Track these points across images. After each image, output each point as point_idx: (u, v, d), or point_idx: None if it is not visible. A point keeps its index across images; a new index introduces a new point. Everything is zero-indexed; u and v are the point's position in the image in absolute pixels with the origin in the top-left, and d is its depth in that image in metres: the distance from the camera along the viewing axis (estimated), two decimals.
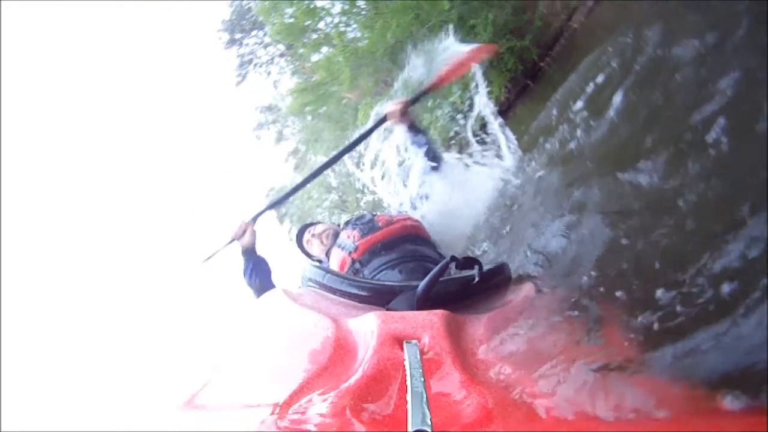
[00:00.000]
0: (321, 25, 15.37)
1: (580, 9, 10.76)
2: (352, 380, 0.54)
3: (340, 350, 0.67)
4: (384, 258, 1.47)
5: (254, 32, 23.18)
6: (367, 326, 0.69)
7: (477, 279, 1.03)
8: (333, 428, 0.45)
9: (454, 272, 1.19)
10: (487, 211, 2.31)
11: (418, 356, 0.55)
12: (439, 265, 0.92)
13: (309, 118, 17.94)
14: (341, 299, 1.02)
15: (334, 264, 1.63)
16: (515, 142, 2.66)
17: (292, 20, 14.32)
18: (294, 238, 2.19)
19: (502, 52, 11.08)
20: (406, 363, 0.54)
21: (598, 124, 1.99)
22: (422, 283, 0.89)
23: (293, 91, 18.21)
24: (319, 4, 14.35)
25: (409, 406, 0.44)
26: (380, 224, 1.63)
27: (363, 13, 13.89)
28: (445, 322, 0.69)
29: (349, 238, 1.62)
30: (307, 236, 2.09)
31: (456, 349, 0.62)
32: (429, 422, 0.41)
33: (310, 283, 1.17)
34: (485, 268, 1.08)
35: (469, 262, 1.06)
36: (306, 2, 13.95)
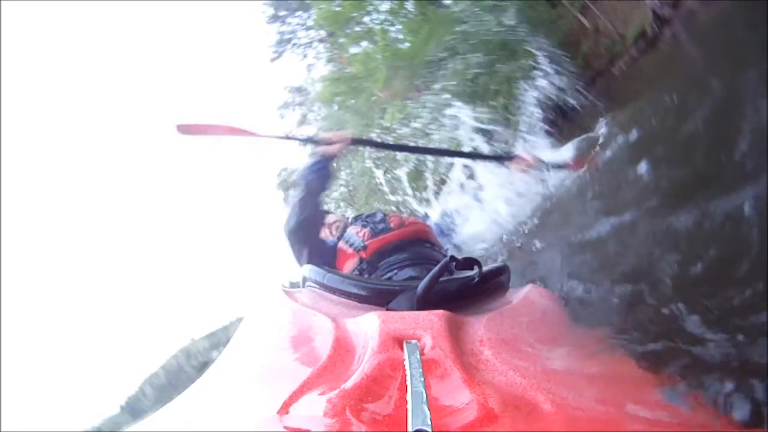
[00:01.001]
0: (366, 19, 15.41)
1: (624, 56, 10.78)
2: (352, 380, 0.55)
3: (340, 350, 0.68)
4: (393, 259, 1.46)
5: (299, 13, 23.18)
6: (367, 326, 0.70)
7: (477, 279, 1.03)
8: (333, 428, 0.46)
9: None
10: (525, 216, 2.31)
11: (418, 356, 0.56)
12: (438, 265, 0.92)
13: (335, 107, 17.94)
14: (341, 299, 1.04)
15: (339, 259, 1.62)
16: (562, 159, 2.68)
17: (339, 9, 14.35)
18: None
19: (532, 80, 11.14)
20: (406, 363, 0.55)
21: (622, 179, 2.01)
22: (422, 283, 0.89)
23: (326, 79, 18.22)
24: None
25: (409, 406, 0.45)
26: (392, 225, 1.62)
27: (410, 16, 13.91)
28: (446, 322, 0.70)
29: (358, 235, 1.61)
30: None
31: (456, 349, 0.63)
32: (429, 422, 0.41)
33: (310, 283, 1.19)
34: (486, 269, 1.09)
35: (468, 262, 1.07)
36: None
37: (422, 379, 0.49)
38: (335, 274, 1.13)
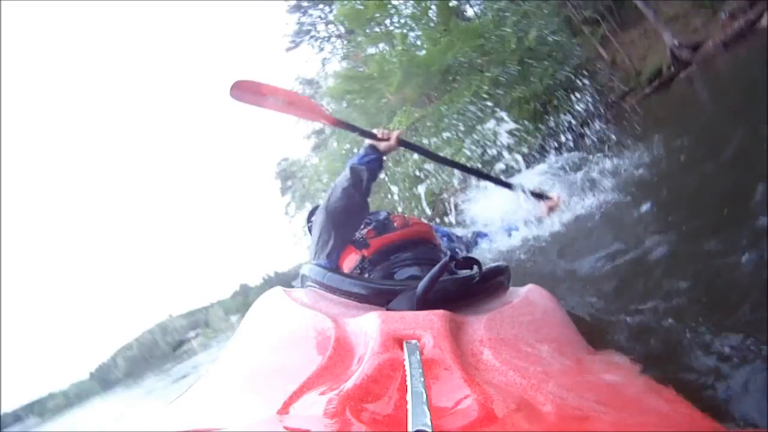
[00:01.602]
0: (387, 21, 15.34)
1: (637, 92, 10.84)
2: (351, 380, 0.54)
3: (340, 350, 0.68)
4: (395, 258, 1.44)
5: (321, 6, 23.12)
6: (367, 326, 0.70)
7: (477, 278, 1.02)
8: (333, 428, 0.46)
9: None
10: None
11: (418, 356, 0.56)
12: (438, 264, 0.89)
13: (344, 104, 17.88)
14: (341, 299, 1.02)
15: (341, 255, 1.59)
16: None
17: (361, 7, 14.27)
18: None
19: (547, 102, 11.32)
20: (406, 363, 0.55)
21: (621, 216, 2.05)
22: (422, 283, 0.87)
23: (339, 75, 18.12)
24: (394, 1, 14.30)
25: (409, 406, 0.45)
26: (395, 225, 1.58)
27: (431, 24, 13.89)
28: (446, 322, 0.69)
29: (361, 232, 1.59)
30: None
31: (456, 349, 0.63)
32: (429, 422, 0.41)
33: (310, 283, 1.17)
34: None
35: (468, 261, 1.05)
36: None
37: (422, 379, 0.49)
38: (336, 273, 1.10)
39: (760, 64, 5.22)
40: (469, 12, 16.07)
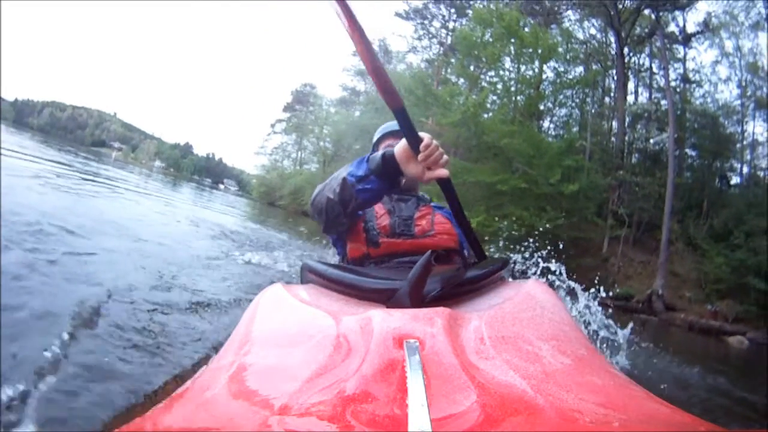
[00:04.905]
0: (485, 70, 15.49)
1: (597, 295, 11.22)
2: (351, 381, 0.54)
3: (340, 349, 0.67)
4: (399, 260, 1.36)
5: (452, 9, 22.97)
6: (368, 324, 0.69)
7: (478, 272, 1.03)
8: (333, 429, 0.45)
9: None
10: None
11: (418, 356, 0.57)
12: (423, 257, 0.86)
13: None
14: (341, 295, 1.02)
15: (351, 233, 1.42)
16: None
17: (476, 41, 14.33)
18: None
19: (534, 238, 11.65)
20: (407, 363, 0.55)
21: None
22: (410, 276, 0.85)
23: (411, 71, 18.10)
24: (507, 63, 14.41)
25: (409, 406, 0.45)
26: (416, 230, 1.41)
27: (512, 106, 14.11)
28: (447, 320, 0.69)
29: (378, 220, 1.42)
30: (392, 140, 1.56)
31: (457, 348, 0.62)
32: (429, 423, 0.42)
33: (312, 277, 1.16)
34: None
35: (450, 255, 1.02)
36: (502, 50, 13.99)
37: (422, 379, 0.50)
38: (337, 268, 1.10)
39: (702, 364, 5.52)
40: (545, 125, 16.47)
